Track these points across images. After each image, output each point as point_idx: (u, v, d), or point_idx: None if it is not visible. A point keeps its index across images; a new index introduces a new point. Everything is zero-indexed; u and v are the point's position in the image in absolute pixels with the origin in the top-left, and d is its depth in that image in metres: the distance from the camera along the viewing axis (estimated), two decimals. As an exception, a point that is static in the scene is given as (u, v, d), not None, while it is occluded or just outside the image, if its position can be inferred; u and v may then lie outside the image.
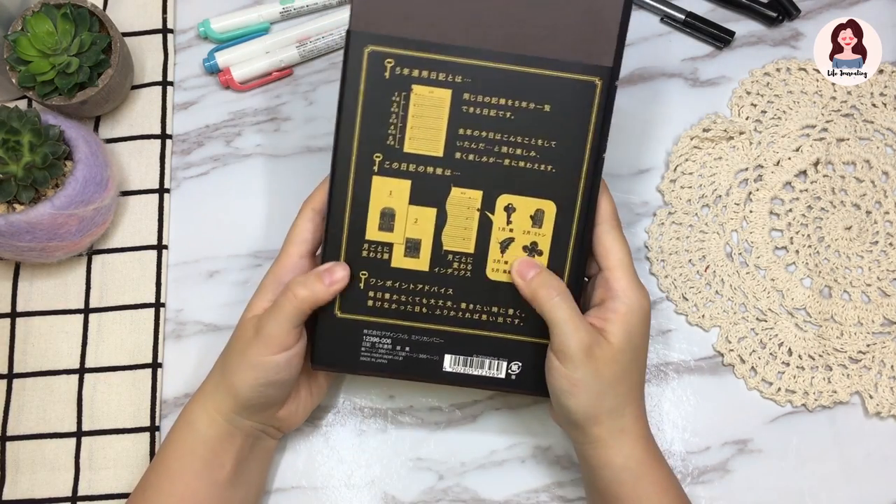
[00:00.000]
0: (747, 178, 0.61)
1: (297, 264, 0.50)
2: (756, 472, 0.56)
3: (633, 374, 0.48)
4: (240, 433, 0.50)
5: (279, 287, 0.49)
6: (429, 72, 0.47)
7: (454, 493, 0.56)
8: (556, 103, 0.47)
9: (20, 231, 0.53)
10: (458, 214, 0.49)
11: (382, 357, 0.50)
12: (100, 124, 0.63)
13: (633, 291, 0.47)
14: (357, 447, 0.57)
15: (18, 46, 0.55)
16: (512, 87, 0.47)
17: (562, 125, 0.47)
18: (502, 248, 0.49)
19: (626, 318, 0.47)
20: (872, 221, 0.60)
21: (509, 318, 0.50)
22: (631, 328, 0.47)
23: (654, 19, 0.64)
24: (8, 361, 0.58)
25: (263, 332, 0.47)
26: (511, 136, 0.48)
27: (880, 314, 0.58)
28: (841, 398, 0.57)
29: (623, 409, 0.47)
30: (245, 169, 0.62)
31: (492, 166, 0.48)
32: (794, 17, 0.64)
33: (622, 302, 0.47)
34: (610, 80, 0.47)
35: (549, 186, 0.48)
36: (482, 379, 0.50)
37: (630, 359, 0.47)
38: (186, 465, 0.49)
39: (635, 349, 0.47)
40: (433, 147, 0.48)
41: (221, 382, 0.49)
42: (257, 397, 0.49)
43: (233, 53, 0.63)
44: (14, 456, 0.57)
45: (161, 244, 0.60)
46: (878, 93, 0.62)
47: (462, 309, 0.50)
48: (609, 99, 0.48)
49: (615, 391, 0.47)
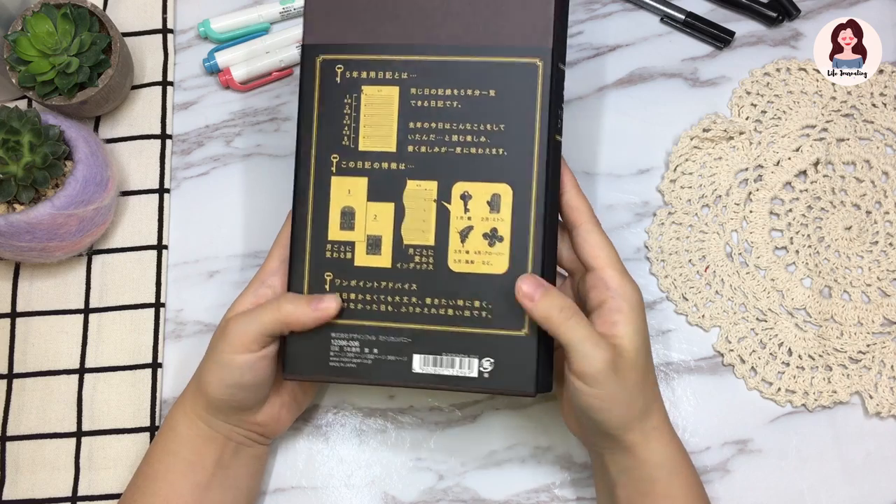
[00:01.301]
0: (747, 178, 0.61)
1: (279, 268, 0.50)
2: (756, 472, 0.56)
3: (651, 370, 0.48)
4: (220, 436, 0.50)
5: (262, 288, 0.50)
6: (375, 72, 0.49)
7: (454, 493, 0.56)
8: (500, 88, 0.48)
9: (20, 231, 0.53)
10: (416, 207, 0.49)
11: (351, 361, 0.49)
12: (100, 124, 0.63)
13: (629, 287, 0.47)
14: (357, 447, 0.57)
15: (18, 46, 0.55)
16: (456, 78, 0.48)
17: (509, 109, 0.48)
18: (462, 237, 0.48)
19: (632, 317, 0.46)
20: (872, 221, 0.60)
21: (476, 311, 0.48)
22: (638, 325, 0.46)
23: (654, 19, 0.64)
24: (8, 361, 0.58)
25: (230, 330, 0.47)
26: (460, 125, 0.48)
27: (880, 314, 0.58)
28: (841, 398, 0.57)
29: (651, 406, 0.47)
30: (245, 169, 0.62)
31: (444, 156, 0.48)
32: (794, 17, 0.64)
33: (624, 300, 0.46)
34: (552, 61, 0.47)
35: (503, 170, 0.48)
36: (454, 379, 0.48)
37: (645, 357, 0.47)
38: (169, 466, 0.50)
39: (646, 345, 0.47)
40: (386, 143, 0.49)
41: (198, 385, 0.49)
42: (226, 399, 0.48)
43: (233, 53, 0.63)
44: (14, 456, 0.57)
45: (161, 244, 0.60)
46: (878, 93, 0.62)
47: (427, 304, 0.48)
48: (555, 80, 0.48)
49: (643, 394, 0.46)
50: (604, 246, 0.47)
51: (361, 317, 0.49)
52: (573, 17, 0.64)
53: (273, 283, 0.50)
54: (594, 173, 0.61)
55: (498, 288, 0.48)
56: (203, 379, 0.49)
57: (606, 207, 0.61)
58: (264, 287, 0.50)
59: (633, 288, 0.47)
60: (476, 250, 0.48)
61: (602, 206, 0.61)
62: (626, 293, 0.46)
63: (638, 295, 0.47)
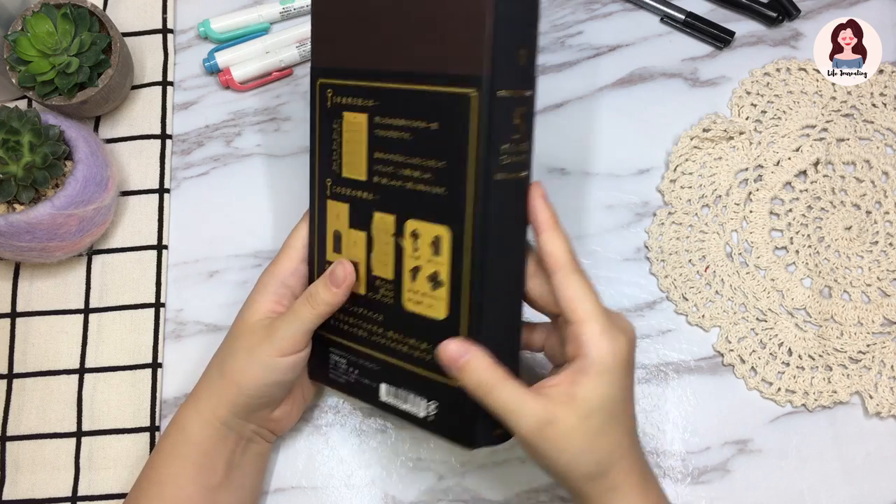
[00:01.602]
0: (747, 178, 0.61)
1: (298, 268, 0.51)
2: (756, 472, 0.56)
3: (615, 430, 0.43)
4: (233, 435, 0.50)
5: (281, 288, 0.50)
6: (352, 98, 0.47)
7: (454, 493, 0.56)
8: (442, 120, 0.43)
9: (20, 231, 0.53)
10: (380, 239, 0.47)
11: (340, 376, 0.51)
12: (100, 124, 0.63)
13: (605, 344, 0.42)
14: (357, 447, 0.57)
15: (18, 46, 0.55)
16: (407, 107, 0.44)
17: (448, 144, 0.43)
18: (412, 276, 0.45)
19: (598, 379, 0.42)
20: (872, 221, 0.60)
21: (422, 352, 0.46)
22: (606, 388, 0.42)
23: (654, 19, 0.64)
24: (8, 361, 0.58)
25: (277, 335, 0.47)
26: (410, 158, 0.45)
27: (880, 314, 0.58)
28: (841, 398, 0.57)
29: (608, 468, 0.43)
30: (245, 169, 0.62)
31: (399, 190, 0.45)
32: (794, 17, 0.64)
33: (592, 361, 0.42)
34: (490, 90, 0.41)
35: (443, 211, 0.43)
36: (408, 415, 0.47)
37: (606, 418, 0.42)
38: (178, 470, 0.49)
39: (613, 404, 0.43)
40: (359, 171, 0.48)
41: (220, 383, 0.49)
42: (260, 396, 0.49)
43: (233, 53, 0.63)
44: (14, 456, 0.57)
45: (161, 244, 0.60)
46: (878, 93, 0.62)
47: (389, 337, 0.47)
48: (496, 111, 0.41)
49: (591, 456, 0.42)
50: (581, 297, 0.43)
51: (347, 337, 0.50)
52: (573, 17, 0.64)
53: (292, 283, 0.50)
54: (594, 173, 0.61)
55: (437, 333, 0.44)
56: (235, 380, 0.49)
57: (606, 207, 0.61)
58: (283, 288, 0.50)
59: (614, 344, 0.42)
60: (423, 291, 0.45)
61: (602, 206, 0.61)
62: (600, 354, 0.42)
63: (620, 353, 0.43)
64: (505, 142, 0.42)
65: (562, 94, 0.63)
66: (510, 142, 0.42)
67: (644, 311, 0.59)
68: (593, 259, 0.60)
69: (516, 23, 0.41)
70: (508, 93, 0.41)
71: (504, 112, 0.41)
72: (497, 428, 0.44)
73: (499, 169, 0.42)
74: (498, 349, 0.43)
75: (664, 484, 0.56)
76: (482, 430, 0.44)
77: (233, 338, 0.50)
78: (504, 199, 0.43)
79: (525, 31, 0.42)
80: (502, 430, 0.44)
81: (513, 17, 0.41)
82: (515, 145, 0.42)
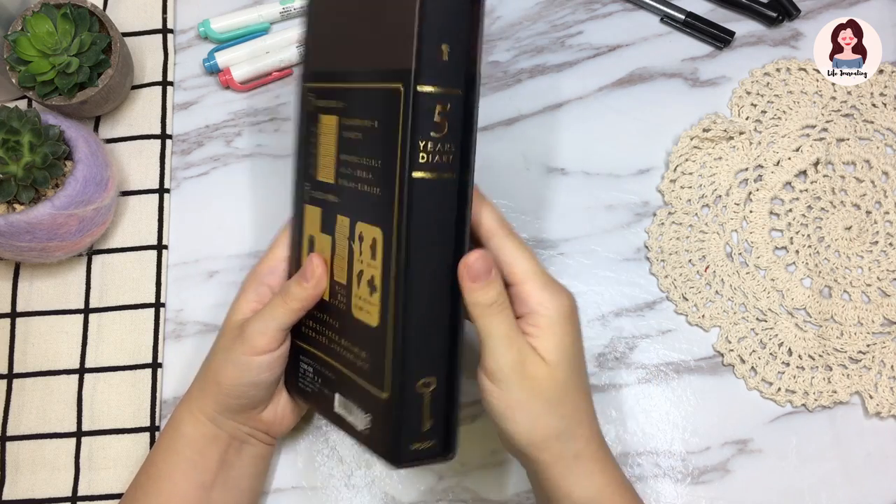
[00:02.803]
0: (747, 178, 0.61)
1: (278, 266, 0.50)
2: (756, 472, 0.56)
3: (576, 390, 0.43)
4: (224, 435, 0.50)
5: (259, 287, 0.50)
6: (326, 100, 0.47)
7: (454, 493, 0.56)
8: (380, 118, 0.42)
9: (20, 231, 0.53)
10: (340, 243, 0.46)
11: (307, 385, 0.49)
12: (100, 124, 0.63)
13: (550, 299, 0.43)
14: (357, 447, 0.57)
15: (18, 46, 0.55)
16: (358, 106, 0.44)
17: (382, 141, 0.42)
18: (358, 280, 0.44)
19: (551, 331, 0.42)
20: (872, 221, 0.60)
21: (363, 361, 0.44)
22: (560, 339, 0.42)
23: (654, 19, 0.64)
24: (8, 361, 0.58)
25: (248, 332, 0.47)
26: (361, 158, 0.44)
27: (880, 314, 0.58)
28: (841, 398, 0.57)
29: (573, 431, 0.43)
30: (245, 169, 0.62)
31: (353, 192, 0.44)
32: (794, 17, 0.64)
33: (541, 315, 0.42)
34: (413, 84, 0.40)
35: (378, 212, 0.42)
36: (351, 428, 0.45)
37: (568, 373, 0.43)
38: (173, 465, 0.50)
39: (571, 360, 0.43)
40: (329, 174, 0.46)
41: (206, 384, 0.50)
42: (239, 396, 0.49)
43: (233, 53, 0.63)
44: (14, 456, 0.57)
45: (161, 244, 0.60)
46: (878, 93, 0.62)
47: (342, 345, 0.46)
48: (414, 106, 0.40)
49: (558, 412, 0.42)
50: (518, 257, 0.43)
51: (313, 345, 0.48)
52: (573, 17, 0.64)
53: (270, 281, 0.50)
54: (594, 173, 0.61)
55: (372, 342, 0.43)
56: (216, 379, 0.49)
57: (606, 207, 0.61)
58: (263, 286, 0.50)
59: (558, 299, 0.43)
60: (364, 297, 0.44)
61: (602, 206, 0.61)
62: (546, 308, 0.42)
63: (563, 305, 0.43)
64: (424, 138, 0.40)
65: (562, 94, 0.63)
66: (430, 139, 0.41)
67: (644, 311, 0.59)
68: (593, 259, 0.60)
69: (444, 18, 0.40)
70: (431, 88, 0.40)
71: (425, 108, 0.40)
72: (421, 441, 0.42)
73: (418, 167, 0.40)
74: (429, 357, 0.42)
75: (664, 484, 0.56)
76: (405, 446, 0.42)
77: (217, 339, 0.50)
78: (427, 199, 0.41)
79: (453, 28, 0.41)
80: (427, 443, 0.42)
81: (440, 13, 0.40)
82: (437, 144, 0.41)
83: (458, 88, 0.41)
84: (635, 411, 0.57)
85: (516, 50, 0.64)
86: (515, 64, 0.64)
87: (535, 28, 0.64)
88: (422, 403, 0.42)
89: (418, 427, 0.42)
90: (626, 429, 0.57)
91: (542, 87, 0.63)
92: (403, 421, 0.42)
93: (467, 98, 0.41)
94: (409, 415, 0.42)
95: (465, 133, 0.42)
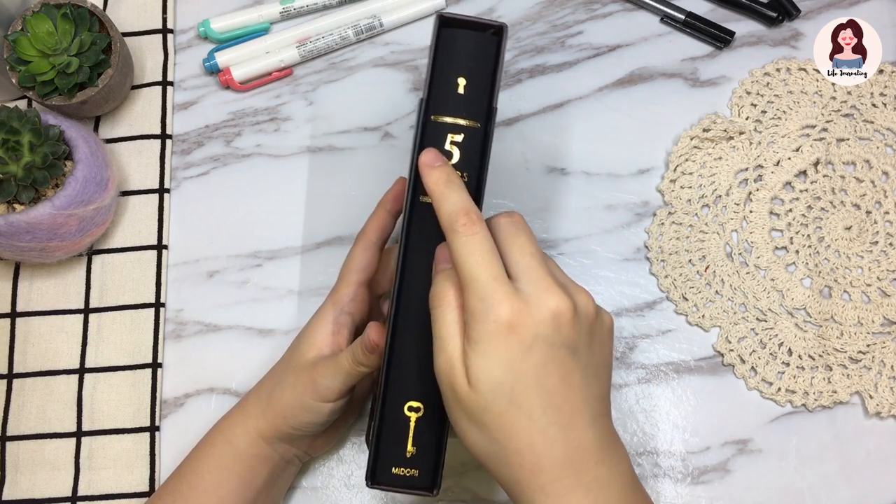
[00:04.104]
0: (747, 178, 0.61)
1: (357, 293, 0.50)
2: (756, 472, 0.56)
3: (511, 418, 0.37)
4: (276, 456, 0.51)
5: (341, 317, 0.50)
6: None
7: (454, 493, 0.56)
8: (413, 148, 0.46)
9: (20, 231, 0.53)
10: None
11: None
12: (100, 124, 0.63)
13: (485, 311, 0.37)
14: (357, 447, 0.57)
15: (18, 46, 0.55)
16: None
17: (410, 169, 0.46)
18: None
19: (480, 348, 0.37)
20: (872, 221, 0.60)
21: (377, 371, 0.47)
22: (487, 359, 0.37)
23: (654, 19, 0.64)
24: (8, 361, 0.58)
25: (319, 384, 0.47)
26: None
27: (880, 314, 0.58)
28: (841, 398, 0.57)
29: (508, 460, 0.38)
30: (245, 169, 0.62)
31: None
32: (794, 17, 0.64)
33: (472, 328, 0.37)
34: (426, 113, 0.43)
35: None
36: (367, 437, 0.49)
37: (491, 399, 0.37)
38: (223, 479, 0.49)
39: (500, 384, 0.37)
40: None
41: (269, 410, 0.49)
42: (304, 429, 0.49)
43: (233, 53, 0.63)
44: (14, 456, 0.57)
45: (161, 244, 0.60)
46: (878, 93, 0.62)
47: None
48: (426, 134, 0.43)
49: (486, 436, 0.38)
50: (459, 262, 0.39)
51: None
52: (573, 17, 0.64)
53: (352, 309, 0.50)
54: (594, 173, 0.61)
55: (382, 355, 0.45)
56: (282, 411, 0.49)
57: (606, 207, 0.61)
58: (343, 315, 0.50)
59: (493, 313, 0.37)
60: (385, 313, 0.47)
61: (602, 206, 0.61)
62: (475, 321, 0.37)
63: (498, 321, 0.37)
64: None
65: (562, 94, 0.63)
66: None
67: (644, 311, 0.59)
68: (593, 259, 0.60)
69: (462, 55, 0.43)
70: (443, 118, 0.43)
71: (436, 136, 0.43)
72: (402, 467, 0.43)
73: (423, 191, 0.42)
74: (420, 382, 0.43)
75: (664, 484, 0.56)
76: (385, 467, 0.43)
77: (286, 366, 0.50)
78: (429, 222, 0.42)
79: (471, 64, 0.43)
80: (409, 471, 0.43)
81: (457, 50, 0.43)
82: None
83: (473, 120, 0.43)
84: (635, 411, 0.57)
85: (516, 50, 0.64)
86: (515, 64, 0.64)
87: (535, 28, 0.64)
88: (407, 427, 0.43)
89: (401, 451, 0.43)
90: (626, 429, 0.57)
91: (542, 87, 0.63)
92: (385, 439, 0.43)
93: (483, 130, 0.43)
94: (391, 434, 0.43)
95: (480, 162, 0.43)
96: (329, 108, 0.63)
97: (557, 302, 0.37)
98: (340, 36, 0.63)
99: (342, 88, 0.63)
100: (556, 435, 0.37)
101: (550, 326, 0.37)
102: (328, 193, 0.61)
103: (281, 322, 0.59)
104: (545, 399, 0.37)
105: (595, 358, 0.40)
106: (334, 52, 0.64)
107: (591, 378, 0.39)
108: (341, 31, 0.63)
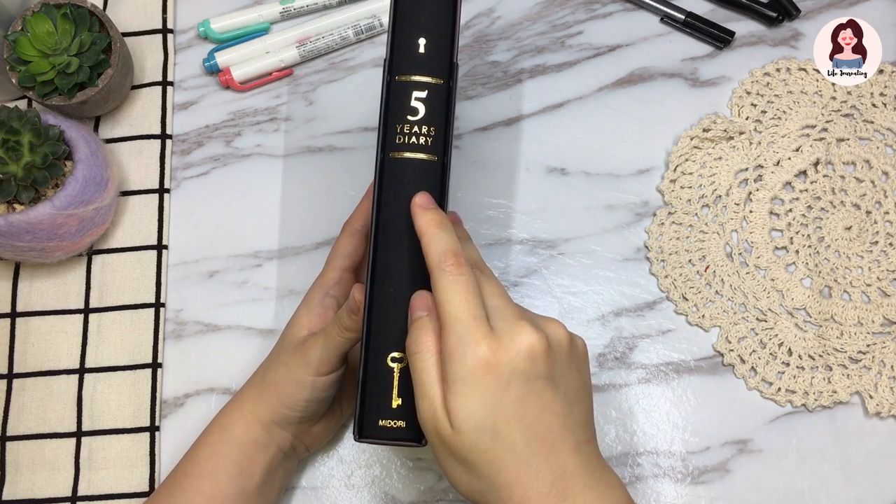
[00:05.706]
0: (747, 178, 0.61)
1: (342, 277, 0.52)
2: (756, 472, 0.56)
3: (498, 456, 0.38)
4: (274, 444, 0.50)
5: (325, 299, 0.51)
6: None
7: (454, 493, 0.56)
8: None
9: (20, 231, 0.53)
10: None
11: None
12: (100, 124, 0.63)
13: (462, 350, 0.38)
14: (357, 447, 0.57)
15: (18, 46, 0.55)
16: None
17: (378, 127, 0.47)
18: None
19: (458, 390, 0.38)
20: (872, 221, 0.60)
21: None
22: (467, 401, 0.37)
23: (654, 19, 0.64)
24: (8, 361, 0.58)
25: (310, 357, 0.48)
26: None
27: (880, 314, 0.58)
28: (841, 398, 0.57)
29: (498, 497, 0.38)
30: (245, 169, 0.62)
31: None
32: (794, 17, 0.64)
33: (449, 372, 0.38)
34: (390, 73, 0.45)
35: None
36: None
37: (476, 439, 0.38)
38: (220, 467, 0.49)
39: (484, 424, 0.38)
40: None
41: (264, 392, 0.50)
42: (300, 410, 0.49)
43: (233, 53, 0.63)
44: (14, 456, 0.57)
45: (161, 244, 0.60)
46: (878, 93, 0.62)
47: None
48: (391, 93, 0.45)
49: (473, 473, 0.39)
50: (442, 301, 0.39)
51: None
52: (573, 17, 0.64)
53: (337, 292, 0.51)
54: (594, 173, 0.61)
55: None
56: (276, 392, 0.49)
57: (606, 207, 0.61)
58: (329, 298, 0.51)
59: (471, 352, 0.38)
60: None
61: (602, 206, 0.61)
62: (453, 362, 0.38)
63: (476, 361, 0.38)
64: (399, 122, 0.44)
65: (562, 94, 0.63)
66: (406, 122, 0.44)
67: (644, 311, 0.59)
68: (593, 259, 0.60)
69: (418, 15, 0.45)
70: (406, 77, 0.44)
71: (400, 95, 0.44)
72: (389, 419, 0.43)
73: (394, 147, 0.44)
74: (403, 332, 0.42)
75: (664, 484, 0.56)
76: (372, 420, 0.43)
77: (278, 349, 0.51)
78: (402, 176, 0.44)
79: (429, 24, 0.45)
80: (396, 422, 0.43)
81: (415, 11, 0.45)
82: (413, 126, 0.44)
83: (436, 77, 0.45)
84: (635, 411, 0.57)
85: (516, 50, 0.64)
86: (515, 64, 0.64)
87: (535, 28, 0.64)
88: (391, 378, 0.43)
89: (387, 402, 0.43)
90: (626, 429, 0.57)
91: (542, 87, 0.63)
92: (370, 391, 0.43)
93: (446, 85, 0.45)
94: (377, 386, 0.43)
95: (445, 115, 0.45)
96: (329, 108, 0.63)
97: (530, 337, 0.39)
98: (340, 36, 0.63)
99: (342, 88, 0.64)
100: (541, 464, 0.38)
101: (526, 361, 0.38)
102: (328, 193, 0.61)
103: (281, 322, 0.59)
104: (527, 431, 0.38)
105: (574, 384, 0.41)
106: (334, 52, 0.64)
107: (574, 405, 0.40)
108: (341, 31, 0.63)
